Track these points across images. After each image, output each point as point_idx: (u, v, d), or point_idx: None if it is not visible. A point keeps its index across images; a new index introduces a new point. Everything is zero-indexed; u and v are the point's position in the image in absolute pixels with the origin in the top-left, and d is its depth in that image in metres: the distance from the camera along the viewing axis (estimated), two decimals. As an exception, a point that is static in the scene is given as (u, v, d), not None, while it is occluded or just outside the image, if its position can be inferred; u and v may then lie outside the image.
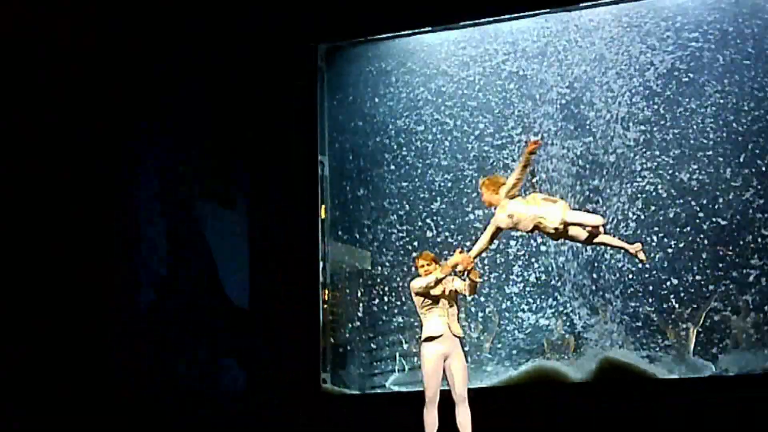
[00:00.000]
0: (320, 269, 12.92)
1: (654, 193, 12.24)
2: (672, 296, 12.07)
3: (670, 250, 12.10)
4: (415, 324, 12.67)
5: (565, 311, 12.45)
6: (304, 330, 12.65)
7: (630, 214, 12.29)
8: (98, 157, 12.36)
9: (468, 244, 13.00)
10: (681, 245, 12.07)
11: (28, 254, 11.72)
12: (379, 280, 13.35)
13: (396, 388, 12.85)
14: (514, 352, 12.58)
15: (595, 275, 12.40)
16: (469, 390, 8.56)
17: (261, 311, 12.65)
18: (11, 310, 11.49)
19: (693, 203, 12.06)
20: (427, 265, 8.80)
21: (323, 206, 13.20)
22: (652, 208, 12.23)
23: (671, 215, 12.16)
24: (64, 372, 11.78)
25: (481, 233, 12.73)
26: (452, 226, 13.14)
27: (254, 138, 13.08)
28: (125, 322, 12.37)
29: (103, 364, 12.09)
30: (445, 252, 13.01)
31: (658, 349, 12.09)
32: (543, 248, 12.66)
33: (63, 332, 11.87)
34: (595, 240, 8.53)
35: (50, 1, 11.91)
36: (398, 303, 13.13)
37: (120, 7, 12.49)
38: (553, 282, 12.56)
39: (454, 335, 8.56)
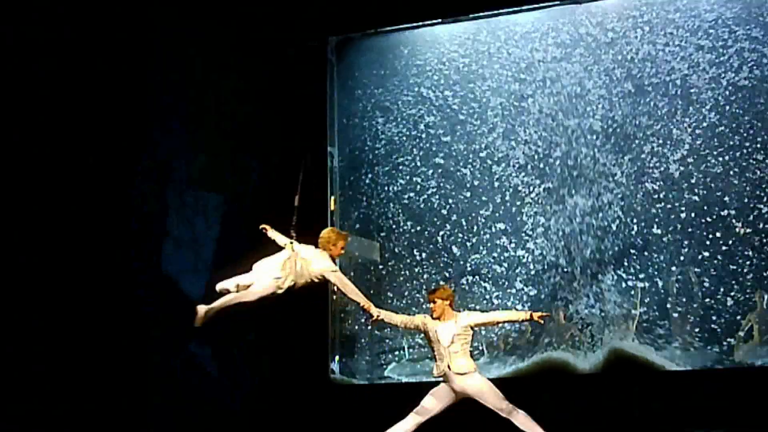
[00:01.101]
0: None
1: (667, 185, 12.27)
2: (682, 287, 12.08)
3: (682, 242, 12.14)
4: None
5: (573, 302, 12.46)
6: (312, 320, 12.60)
7: (642, 207, 12.31)
8: (100, 147, 12.32)
9: (475, 238, 13.15)
10: (691, 237, 12.07)
11: (27, 254, 11.71)
12: (387, 270, 13.31)
13: (394, 376, 12.86)
14: (522, 343, 12.61)
15: (602, 265, 12.41)
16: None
17: (272, 300, 12.58)
18: (10, 310, 11.48)
19: (702, 195, 12.11)
20: (432, 302, 8.83)
21: (333, 197, 13.19)
22: (663, 200, 12.23)
23: (682, 208, 12.15)
24: (70, 370, 11.78)
25: (489, 227, 13.01)
26: (462, 218, 13.14)
27: (264, 129, 13.01)
28: (130, 311, 12.33)
29: (110, 355, 12.08)
30: (452, 243, 13.18)
31: (666, 340, 12.08)
32: (547, 239, 12.74)
33: (75, 329, 11.86)
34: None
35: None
36: (407, 294, 13.11)
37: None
38: (559, 272, 12.60)
39: (456, 373, 8.61)
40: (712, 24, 12.23)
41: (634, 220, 12.22)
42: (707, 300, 11.80)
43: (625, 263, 12.19)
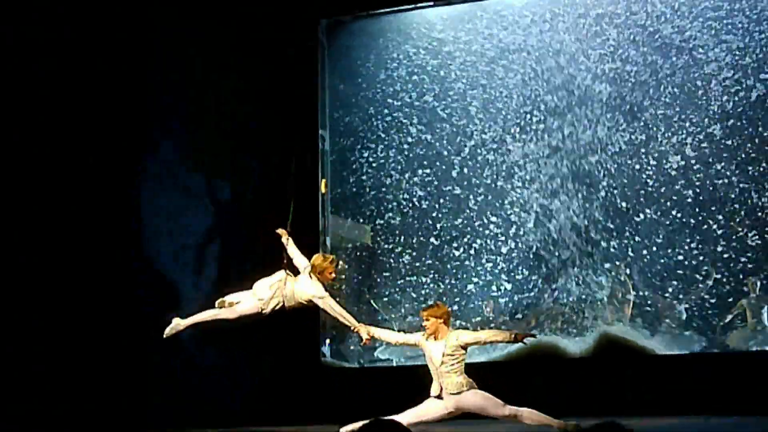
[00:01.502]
0: (320, 243, 12.72)
1: (661, 169, 12.19)
2: (674, 273, 11.99)
3: (673, 227, 12.04)
4: (413, 299, 12.65)
5: (563, 286, 12.37)
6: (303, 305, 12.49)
7: (634, 192, 12.22)
8: (100, 147, 12.29)
9: (466, 224, 13.08)
10: (684, 223, 11.99)
11: (27, 254, 11.71)
12: (378, 254, 13.27)
13: (384, 359, 12.74)
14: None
15: (593, 249, 12.32)
16: (468, 365, 8.50)
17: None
18: (10, 310, 11.47)
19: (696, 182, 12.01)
20: (425, 320, 8.71)
21: (323, 180, 13.01)
22: (656, 185, 12.15)
23: (674, 196, 12.07)
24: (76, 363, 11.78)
25: (479, 214, 12.93)
26: (453, 202, 13.08)
27: (255, 112, 12.92)
28: (130, 311, 12.29)
29: (110, 355, 12.03)
30: (444, 228, 13.13)
31: (657, 325, 11.98)
32: (536, 223, 12.64)
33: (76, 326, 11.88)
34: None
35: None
36: (397, 278, 13.03)
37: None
38: (548, 256, 12.49)
39: (450, 393, 8.49)
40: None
41: (627, 206, 12.15)
42: (699, 285, 11.71)
43: (616, 248, 12.12)
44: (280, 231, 9.30)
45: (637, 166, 12.19)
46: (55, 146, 11.95)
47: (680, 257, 11.92)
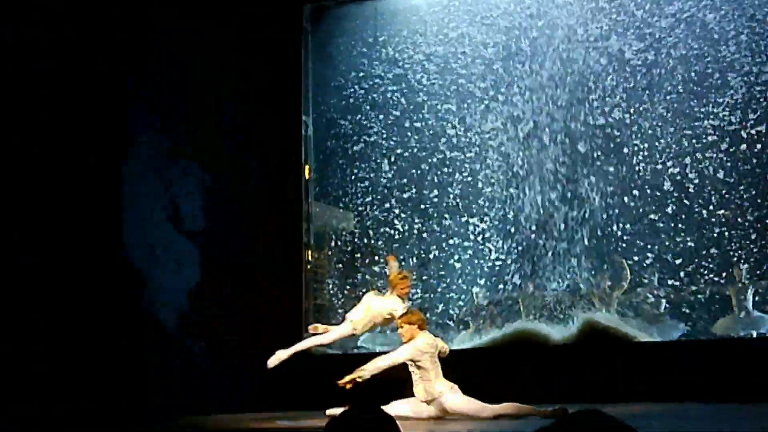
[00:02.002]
0: (303, 230, 12.68)
1: (648, 160, 12.20)
2: (660, 260, 12.00)
3: (654, 215, 12.07)
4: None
5: (546, 272, 12.38)
6: (286, 290, 12.38)
7: (619, 181, 12.22)
8: (100, 147, 12.30)
9: (449, 207, 13.09)
10: (669, 211, 12.01)
11: (27, 254, 11.70)
12: (362, 240, 13.25)
13: (368, 346, 12.69)
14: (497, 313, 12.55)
15: (578, 237, 12.34)
16: (453, 351, 8.62)
17: (244, 272, 12.42)
18: (10, 310, 11.48)
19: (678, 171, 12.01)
20: (399, 327, 8.95)
21: (307, 167, 12.99)
22: (642, 174, 12.14)
23: (660, 182, 12.09)
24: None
25: (463, 196, 12.94)
26: (437, 188, 13.09)
27: (238, 98, 12.82)
28: (130, 311, 12.33)
29: (110, 355, 12.05)
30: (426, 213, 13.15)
31: (640, 312, 12.00)
32: (524, 214, 12.67)
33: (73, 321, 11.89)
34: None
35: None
36: (381, 264, 12.94)
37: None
38: (532, 242, 12.51)
39: (422, 401, 8.66)
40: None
41: (612, 192, 12.15)
42: (684, 272, 11.75)
43: (601, 234, 12.12)
44: (388, 258, 10.03)
45: (630, 159, 12.18)
46: (54, 146, 11.93)
47: (665, 244, 11.93)
